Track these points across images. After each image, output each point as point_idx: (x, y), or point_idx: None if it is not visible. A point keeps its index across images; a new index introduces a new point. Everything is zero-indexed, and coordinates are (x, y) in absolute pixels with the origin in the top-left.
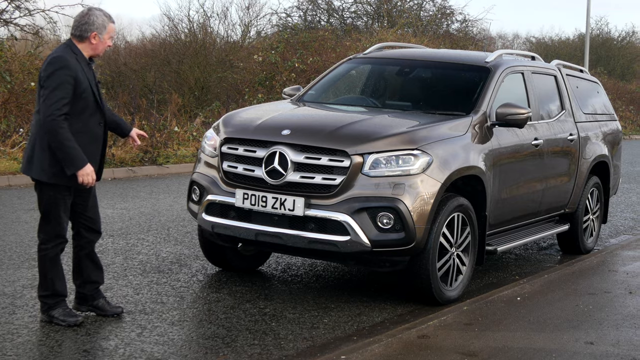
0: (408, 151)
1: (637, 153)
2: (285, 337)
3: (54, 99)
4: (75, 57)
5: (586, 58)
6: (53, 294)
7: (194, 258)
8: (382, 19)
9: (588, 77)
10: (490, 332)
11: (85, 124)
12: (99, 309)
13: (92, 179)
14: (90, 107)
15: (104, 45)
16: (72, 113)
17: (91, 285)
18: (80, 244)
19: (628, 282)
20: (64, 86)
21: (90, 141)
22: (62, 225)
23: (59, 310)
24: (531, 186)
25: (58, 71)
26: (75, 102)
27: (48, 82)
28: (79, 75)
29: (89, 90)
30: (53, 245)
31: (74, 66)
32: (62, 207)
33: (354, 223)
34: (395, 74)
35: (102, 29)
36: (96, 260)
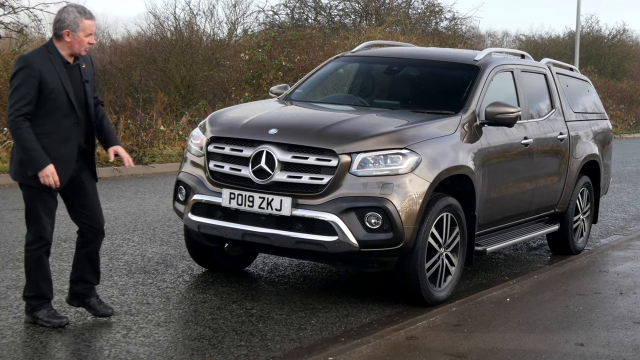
0: (396, 150)
1: (628, 152)
2: (272, 339)
3: (14, 99)
4: (49, 56)
5: (576, 56)
6: (37, 296)
7: (180, 258)
8: (370, 16)
9: (578, 75)
10: (479, 333)
11: (57, 125)
12: (89, 307)
13: (54, 180)
14: (63, 108)
15: (80, 43)
16: (41, 114)
17: (84, 284)
18: (81, 242)
19: (619, 283)
20: (24, 86)
21: (62, 142)
22: (42, 226)
23: (43, 312)
24: (521, 186)
25: (20, 71)
26: (43, 102)
27: (11, 82)
28: (46, 76)
29: (59, 91)
30: (36, 247)
31: (38, 66)
32: (41, 208)
33: (341, 223)
34: (383, 73)
35: (75, 26)
36: (95, 262)
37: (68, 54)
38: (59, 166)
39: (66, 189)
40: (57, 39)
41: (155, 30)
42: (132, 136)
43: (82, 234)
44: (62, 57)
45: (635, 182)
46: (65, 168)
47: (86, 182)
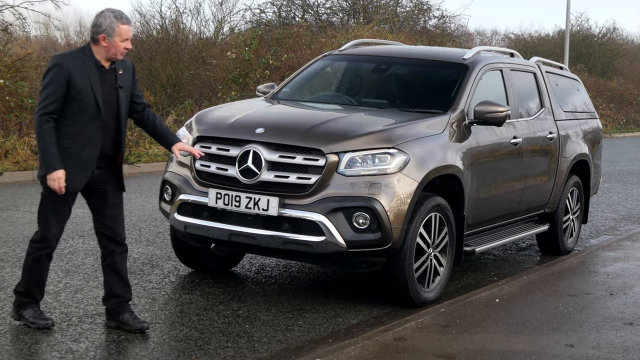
0: (384, 150)
1: (618, 152)
2: (259, 340)
3: (42, 96)
4: (82, 58)
5: (566, 55)
6: (25, 293)
7: (166, 259)
8: (358, 15)
9: (568, 74)
10: (468, 334)
11: (82, 127)
12: (123, 323)
13: (59, 186)
14: (89, 110)
15: (116, 47)
16: (67, 114)
17: (115, 299)
18: (103, 253)
19: (609, 284)
20: (52, 85)
21: (85, 145)
22: (49, 228)
23: (29, 311)
24: (510, 185)
25: (50, 70)
26: (70, 103)
27: (42, 80)
28: (75, 76)
29: (87, 93)
30: (37, 247)
31: (68, 66)
32: (52, 210)
33: (329, 223)
34: (371, 71)
35: (111, 30)
36: (121, 273)
37: (104, 58)
38: (79, 168)
39: (90, 196)
40: (94, 43)
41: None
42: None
43: (102, 245)
44: (96, 61)
45: (625, 181)
46: (85, 170)
47: (109, 193)
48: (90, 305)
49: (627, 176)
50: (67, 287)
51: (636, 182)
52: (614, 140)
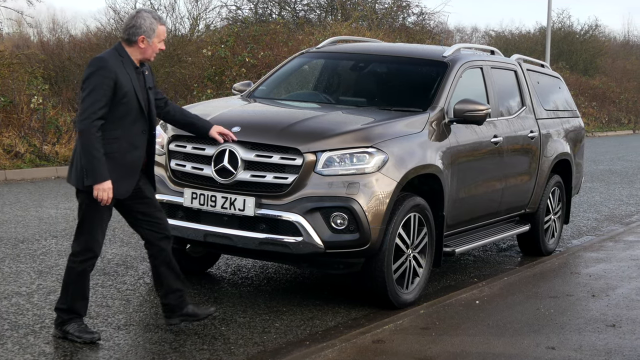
0: (363, 149)
1: (600, 151)
2: (235, 342)
3: (89, 101)
4: (121, 60)
5: (547, 52)
6: (69, 310)
7: (141, 260)
8: (336, 11)
9: (549, 72)
10: (447, 336)
11: (126, 131)
12: (190, 316)
13: (108, 197)
14: (133, 113)
15: (154, 49)
16: (112, 119)
17: (174, 294)
18: (152, 252)
19: (591, 285)
20: (100, 89)
21: (131, 149)
22: (95, 239)
23: (73, 326)
24: (490, 185)
25: (95, 73)
26: (115, 107)
27: (85, 84)
28: (121, 79)
29: (131, 95)
30: (82, 260)
31: (113, 68)
32: (97, 219)
33: (306, 223)
34: (349, 69)
35: (151, 32)
36: (174, 267)
37: (138, 60)
38: (125, 173)
39: (127, 200)
40: (129, 44)
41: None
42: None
43: (150, 244)
44: (132, 62)
45: (607, 181)
46: (131, 176)
47: (145, 190)
48: None
49: (610, 176)
50: (40, 288)
51: (619, 181)
52: (596, 139)
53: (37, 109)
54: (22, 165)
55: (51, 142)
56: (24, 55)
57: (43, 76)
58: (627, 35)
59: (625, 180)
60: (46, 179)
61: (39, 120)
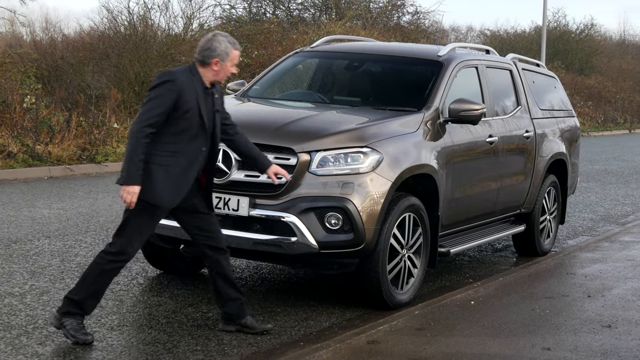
0: (357, 149)
1: (596, 151)
2: (229, 343)
3: (147, 108)
4: (192, 77)
5: (543, 52)
6: (79, 303)
7: (134, 260)
8: (330, 11)
9: (545, 71)
10: (442, 337)
11: (184, 146)
12: (247, 327)
13: (132, 201)
14: (194, 130)
15: (226, 72)
16: (171, 132)
17: (233, 302)
18: (209, 264)
19: (586, 285)
20: (161, 99)
21: (185, 165)
22: (130, 243)
23: (72, 322)
24: (485, 185)
25: (162, 84)
26: (177, 121)
27: (149, 92)
28: (186, 94)
29: (194, 112)
30: (111, 260)
31: (180, 83)
32: (139, 224)
33: (300, 224)
34: (343, 69)
35: (225, 55)
36: (230, 278)
37: (208, 81)
38: (176, 186)
39: (182, 214)
40: (203, 65)
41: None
42: (85, 134)
43: (205, 255)
44: (203, 82)
45: (603, 181)
46: (181, 190)
47: (199, 205)
48: (56, 308)
49: (605, 176)
50: (33, 289)
51: (614, 181)
52: (591, 138)
53: (30, 108)
54: (15, 165)
55: (44, 142)
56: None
57: (36, 75)
58: (622, 35)
59: (621, 180)
60: (39, 179)
61: (32, 120)
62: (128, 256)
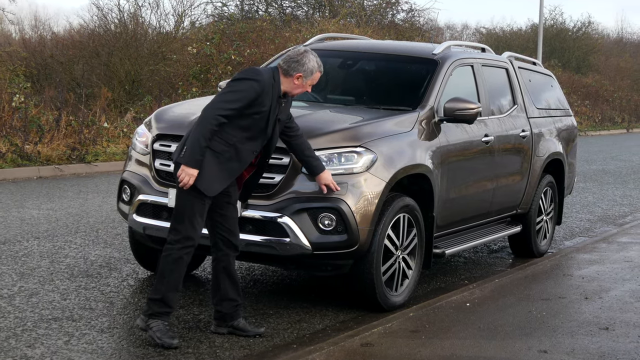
0: (351, 148)
1: (593, 150)
2: (221, 346)
3: (225, 98)
4: (272, 83)
5: (539, 50)
6: (161, 300)
7: (125, 262)
8: (324, 8)
9: (541, 70)
10: (438, 339)
11: (241, 143)
12: (239, 329)
13: (188, 183)
14: (255, 131)
15: (303, 88)
16: (236, 125)
17: (228, 302)
18: (218, 256)
19: (584, 287)
20: (242, 94)
21: (235, 159)
22: (194, 227)
23: (158, 324)
24: (481, 185)
25: (247, 80)
26: (244, 117)
27: (231, 83)
28: (264, 97)
29: (264, 115)
30: (180, 247)
31: (264, 85)
32: (198, 208)
33: (293, 224)
34: (337, 67)
35: (309, 74)
36: (234, 277)
37: (285, 90)
38: (221, 176)
39: (215, 198)
40: (285, 75)
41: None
42: (75, 133)
43: (217, 248)
44: (279, 89)
45: (600, 181)
46: (224, 180)
47: (233, 195)
48: (45, 310)
49: (603, 176)
50: (22, 290)
51: (612, 181)
52: (589, 138)
53: (19, 107)
54: (4, 165)
55: (33, 142)
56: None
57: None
58: (620, 33)
59: (618, 181)
60: (28, 179)
61: (21, 119)
62: (194, 241)
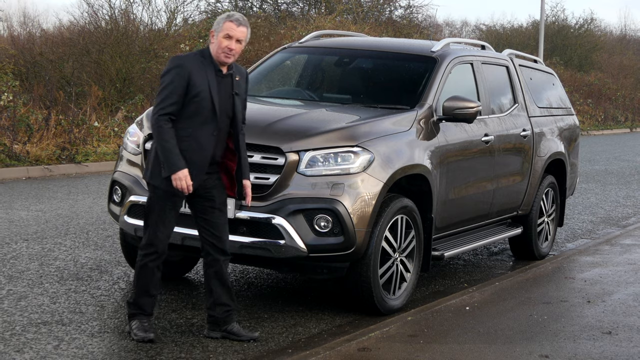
0: (347, 148)
1: (596, 150)
2: (214, 350)
3: (161, 97)
4: (201, 60)
5: (541, 47)
6: (135, 304)
7: (116, 264)
8: (320, 4)
9: (543, 67)
10: (436, 344)
11: (196, 131)
12: (233, 334)
13: (187, 185)
14: (204, 114)
15: (219, 45)
16: (183, 117)
17: (221, 307)
18: (207, 261)
19: (586, 290)
20: (172, 86)
21: (198, 148)
22: (156, 235)
23: (135, 323)
24: (481, 186)
25: (171, 70)
26: (187, 105)
27: (161, 80)
28: (195, 78)
29: (205, 96)
30: (143, 254)
31: (188, 67)
32: (160, 215)
33: (288, 226)
34: (333, 65)
35: (218, 26)
36: (226, 281)
37: (215, 57)
38: (191, 171)
39: (195, 201)
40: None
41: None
42: (64, 133)
43: (206, 253)
44: (214, 64)
45: (603, 182)
46: (195, 175)
47: (217, 199)
48: (34, 314)
49: (606, 176)
50: (10, 294)
51: (615, 182)
52: (591, 137)
53: (7, 106)
54: None
55: (22, 141)
56: None
57: (13, 72)
58: (623, 30)
59: (621, 181)
60: (16, 179)
61: (9, 118)
62: (156, 248)
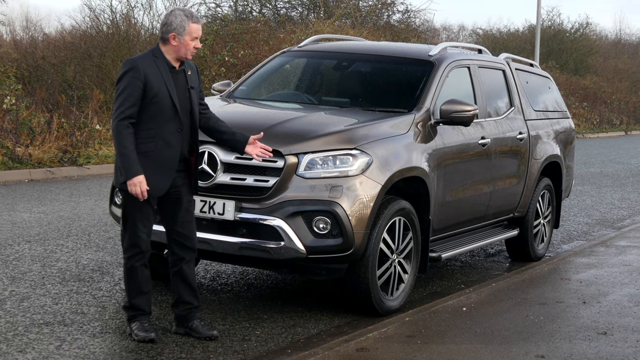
0: (346, 151)
1: (591, 153)
2: (214, 351)
3: (119, 102)
4: (154, 60)
5: (537, 51)
6: (130, 307)
7: (117, 265)
8: (319, 9)
9: (539, 71)
10: (434, 344)
11: (159, 130)
12: (193, 331)
13: (141, 191)
14: (166, 112)
15: (186, 46)
16: (146, 118)
17: (183, 305)
18: (172, 260)
19: (582, 291)
20: (129, 89)
21: (165, 147)
22: (137, 235)
23: (136, 324)
24: (478, 188)
25: (125, 74)
26: (147, 106)
27: (117, 85)
28: (151, 79)
29: (164, 95)
30: (128, 256)
31: (143, 69)
32: (138, 215)
33: (288, 228)
34: (332, 69)
35: (181, 29)
36: (188, 279)
37: (174, 59)
38: (161, 171)
39: (164, 201)
40: (164, 43)
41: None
42: (66, 136)
43: (171, 252)
44: (167, 62)
45: (599, 184)
46: (166, 174)
47: (184, 197)
48: (37, 314)
49: (601, 178)
50: (13, 295)
51: (610, 184)
52: (587, 140)
53: (10, 109)
54: None
55: (24, 144)
56: None
57: (16, 76)
58: (618, 34)
59: (617, 184)
60: (19, 181)
61: (12, 122)
62: (140, 248)
